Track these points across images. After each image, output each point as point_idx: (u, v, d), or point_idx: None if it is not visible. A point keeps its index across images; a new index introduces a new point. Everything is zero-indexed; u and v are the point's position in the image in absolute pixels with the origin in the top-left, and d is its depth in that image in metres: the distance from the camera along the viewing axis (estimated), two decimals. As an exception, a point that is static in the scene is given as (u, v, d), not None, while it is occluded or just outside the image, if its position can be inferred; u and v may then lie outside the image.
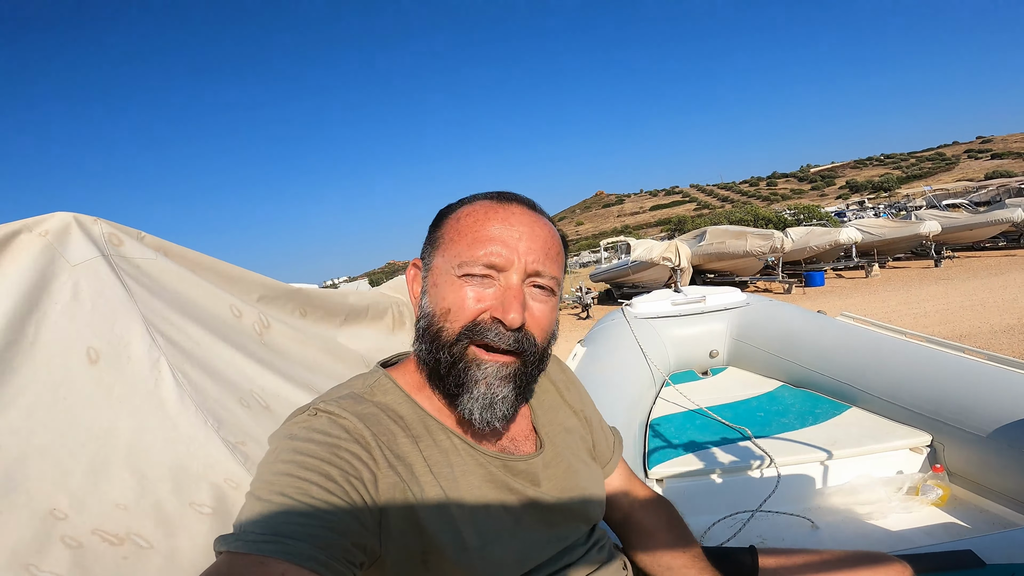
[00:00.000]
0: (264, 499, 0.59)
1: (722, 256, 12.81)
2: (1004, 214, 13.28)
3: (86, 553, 0.95)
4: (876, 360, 2.34)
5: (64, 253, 1.09)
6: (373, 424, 0.69)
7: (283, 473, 0.61)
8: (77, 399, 1.04)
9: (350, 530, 0.60)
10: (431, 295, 0.74)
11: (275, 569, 0.53)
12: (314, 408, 0.70)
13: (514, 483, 0.76)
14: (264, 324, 1.40)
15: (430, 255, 0.77)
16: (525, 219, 0.74)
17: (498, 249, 0.71)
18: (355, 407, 0.70)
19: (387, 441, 0.69)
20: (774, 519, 1.83)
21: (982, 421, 1.78)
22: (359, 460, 0.65)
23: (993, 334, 5.84)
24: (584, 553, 0.82)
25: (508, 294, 0.71)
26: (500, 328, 0.71)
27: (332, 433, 0.66)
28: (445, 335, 0.71)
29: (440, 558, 0.67)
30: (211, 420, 1.14)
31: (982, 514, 1.73)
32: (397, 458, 0.69)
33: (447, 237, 0.74)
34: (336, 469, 0.62)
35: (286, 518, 0.57)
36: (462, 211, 0.75)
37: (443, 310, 0.72)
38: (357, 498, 0.62)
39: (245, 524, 0.58)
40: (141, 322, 1.14)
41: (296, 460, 0.62)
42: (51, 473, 0.98)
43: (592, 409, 1.02)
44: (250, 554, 0.54)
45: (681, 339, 3.15)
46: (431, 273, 0.75)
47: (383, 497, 0.65)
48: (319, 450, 0.64)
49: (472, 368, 0.71)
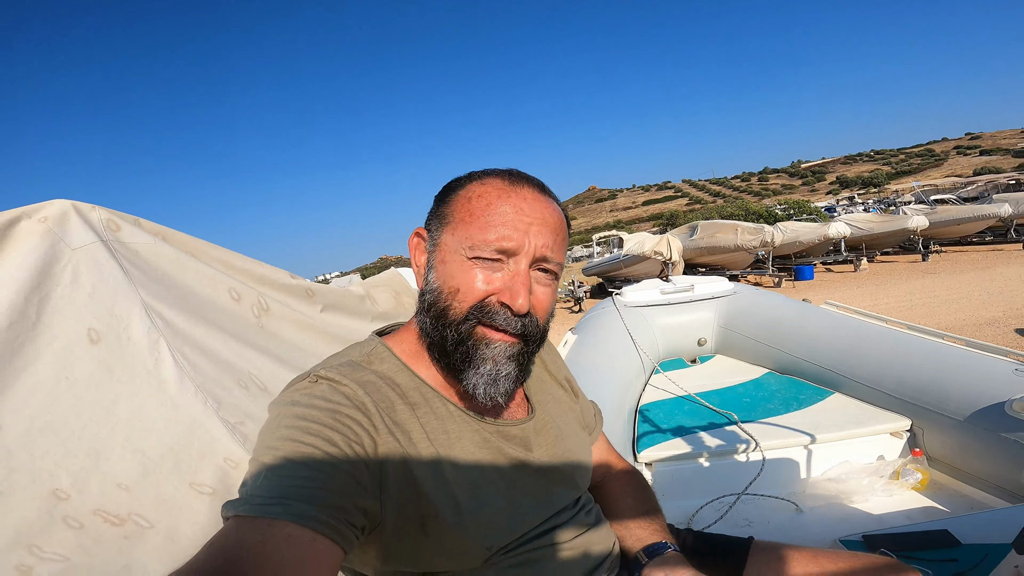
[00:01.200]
0: (268, 464, 0.61)
1: (713, 250, 12.88)
2: (991, 209, 13.40)
3: (87, 534, 0.97)
4: (858, 347, 2.39)
5: (64, 238, 1.11)
6: (373, 391, 0.71)
7: (286, 438, 0.62)
8: (79, 379, 1.05)
9: (352, 493, 0.62)
10: (439, 271, 0.75)
11: (281, 531, 0.55)
12: (315, 375, 0.71)
13: (507, 448, 0.78)
14: (263, 307, 1.42)
15: (438, 230, 0.77)
16: (537, 204, 0.74)
17: (509, 234, 0.72)
18: (354, 374, 0.72)
19: (386, 408, 0.70)
20: (760, 502, 1.87)
21: (960, 406, 1.83)
22: (360, 426, 0.66)
23: (978, 326, 5.93)
24: (572, 516, 0.84)
25: (516, 280, 0.72)
26: (507, 313, 0.73)
27: (333, 399, 0.67)
28: (452, 313, 0.73)
29: (437, 522, 0.69)
30: (211, 401, 1.16)
31: (960, 498, 1.78)
32: (396, 425, 0.70)
33: (457, 215, 0.74)
34: (338, 434, 0.64)
35: (292, 482, 0.59)
36: (473, 189, 0.75)
37: (451, 289, 0.73)
38: (359, 462, 0.64)
39: (251, 489, 0.59)
40: (140, 305, 1.16)
41: (299, 425, 0.64)
42: (54, 453, 0.99)
43: (574, 381, 1.04)
44: (257, 517, 0.56)
45: (670, 327, 3.19)
46: (439, 249, 0.76)
47: (383, 462, 0.67)
48: (321, 415, 0.65)
49: (480, 346, 0.73)
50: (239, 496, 0.60)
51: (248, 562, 0.52)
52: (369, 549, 0.69)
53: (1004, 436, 1.65)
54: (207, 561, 0.52)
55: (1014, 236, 13.87)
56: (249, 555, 0.53)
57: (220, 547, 0.54)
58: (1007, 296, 7.43)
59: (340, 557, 0.58)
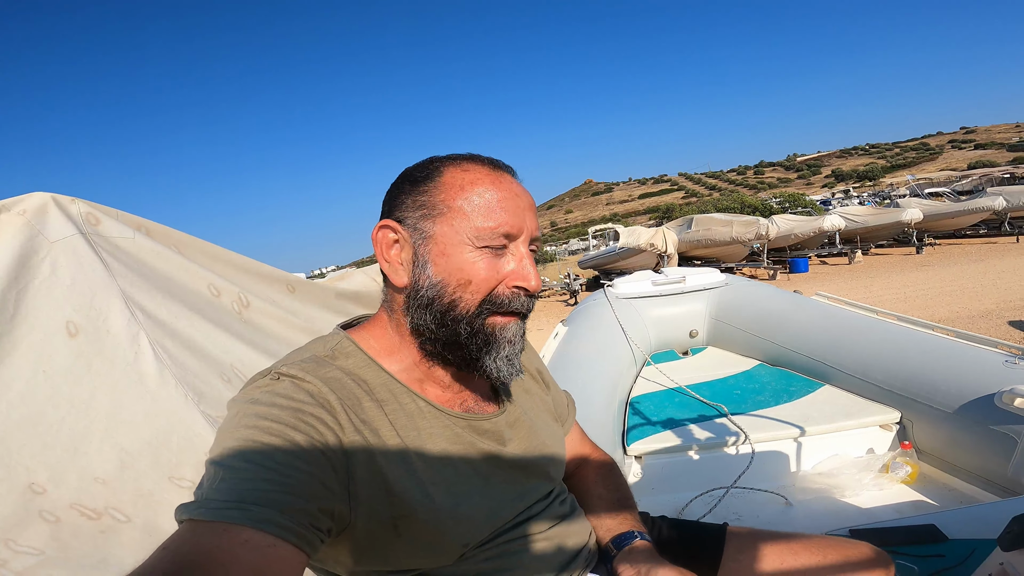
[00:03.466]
0: (227, 465, 0.58)
1: (708, 243, 12.89)
2: (985, 202, 13.44)
3: (63, 527, 0.96)
4: (848, 338, 2.39)
5: (42, 231, 1.09)
6: (338, 388, 0.68)
7: (245, 439, 0.60)
8: (57, 372, 1.04)
9: (316, 495, 0.59)
10: (439, 265, 0.72)
11: (239, 536, 0.53)
12: (276, 372, 0.68)
13: (480, 442, 0.77)
14: (243, 303, 1.40)
15: (426, 220, 0.73)
16: (520, 188, 0.76)
17: (511, 220, 0.72)
18: (318, 371, 0.69)
19: (352, 405, 0.68)
20: (749, 496, 1.87)
21: (949, 397, 1.83)
22: (324, 425, 0.64)
23: (971, 319, 5.95)
24: (546, 507, 0.83)
25: (524, 262, 0.73)
26: (522, 295, 0.74)
27: (296, 398, 0.65)
28: (463, 306, 0.72)
29: (410, 521, 0.67)
30: (191, 394, 1.14)
31: (948, 491, 1.78)
32: (363, 423, 0.68)
33: (454, 205, 0.71)
34: (301, 434, 0.61)
35: (250, 484, 0.56)
36: (460, 176, 0.73)
37: (461, 281, 0.71)
38: (324, 463, 0.61)
39: (207, 492, 0.57)
40: (120, 297, 1.14)
41: (259, 425, 0.61)
42: (30, 447, 0.98)
43: (547, 372, 1.03)
44: (214, 521, 0.53)
45: (662, 319, 3.19)
46: (433, 241, 0.72)
47: (350, 462, 0.64)
48: (283, 415, 0.62)
49: (496, 333, 0.74)
50: (194, 499, 0.57)
51: (203, 568, 0.50)
52: (340, 549, 0.67)
53: (993, 428, 1.65)
54: (159, 566, 0.50)
55: (1008, 229, 13.91)
56: (205, 561, 0.50)
57: (174, 552, 0.52)
58: (1001, 288, 7.45)
59: (303, 562, 0.56)
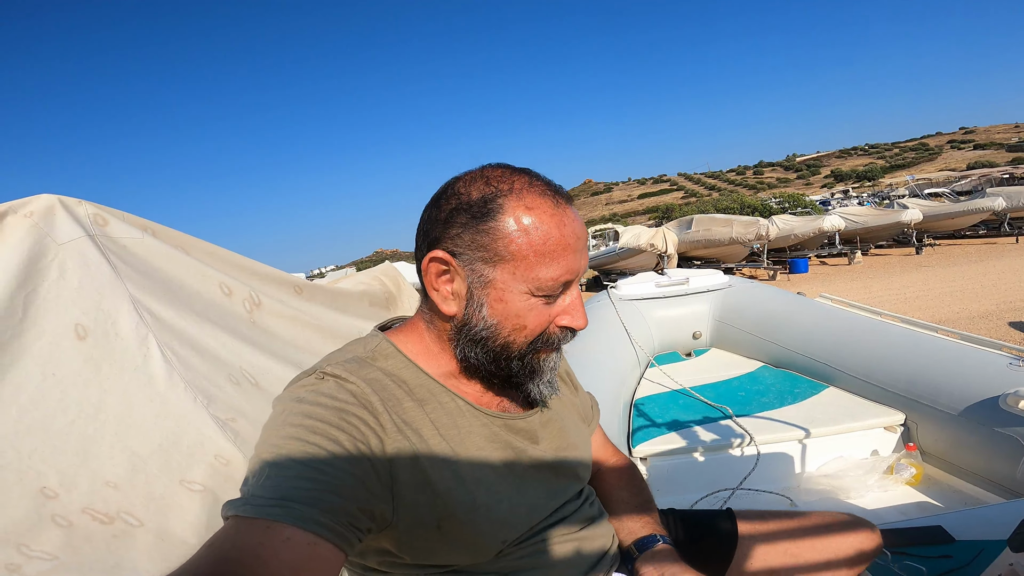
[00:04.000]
0: (271, 463, 0.59)
1: (708, 243, 12.89)
2: (985, 203, 13.43)
3: (76, 532, 0.95)
4: (852, 340, 2.39)
5: (50, 233, 1.09)
6: (380, 389, 0.69)
7: (291, 437, 0.61)
8: (66, 375, 1.04)
9: (357, 496, 0.61)
10: (496, 309, 0.71)
11: (281, 533, 0.54)
12: (321, 372, 0.70)
13: (515, 441, 0.78)
14: (255, 302, 1.40)
15: (488, 266, 0.70)
16: (580, 227, 0.74)
17: (572, 267, 0.72)
18: (361, 371, 0.70)
19: (394, 406, 0.69)
20: (754, 497, 1.87)
21: (953, 399, 1.83)
22: (367, 426, 0.65)
23: (971, 319, 5.95)
24: (577, 508, 0.85)
25: (577, 304, 0.74)
26: (568, 334, 0.76)
27: (340, 398, 0.66)
28: (515, 347, 0.73)
29: (453, 521, 0.68)
30: (201, 397, 1.14)
31: (954, 493, 1.79)
32: (405, 423, 0.69)
33: (517, 252, 0.69)
34: (344, 434, 0.63)
35: (294, 483, 0.58)
36: (524, 217, 0.70)
37: (516, 327, 0.72)
38: (366, 464, 0.63)
39: (252, 488, 0.58)
40: (128, 300, 1.14)
41: (305, 424, 0.62)
42: (41, 450, 0.98)
43: (574, 374, 1.04)
44: (257, 518, 0.55)
45: (665, 320, 3.20)
46: (492, 287, 0.71)
47: (392, 463, 0.65)
48: (328, 414, 0.64)
49: (542, 364, 0.76)
50: (240, 495, 0.59)
51: (245, 564, 0.51)
52: (379, 544, 0.69)
53: (998, 431, 1.65)
54: (203, 562, 0.52)
55: (1007, 229, 13.91)
56: (246, 557, 0.52)
57: (218, 548, 0.53)
58: (1001, 289, 7.45)
59: (341, 560, 0.58)
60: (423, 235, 0.74)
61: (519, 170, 0.75)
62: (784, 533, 0.97)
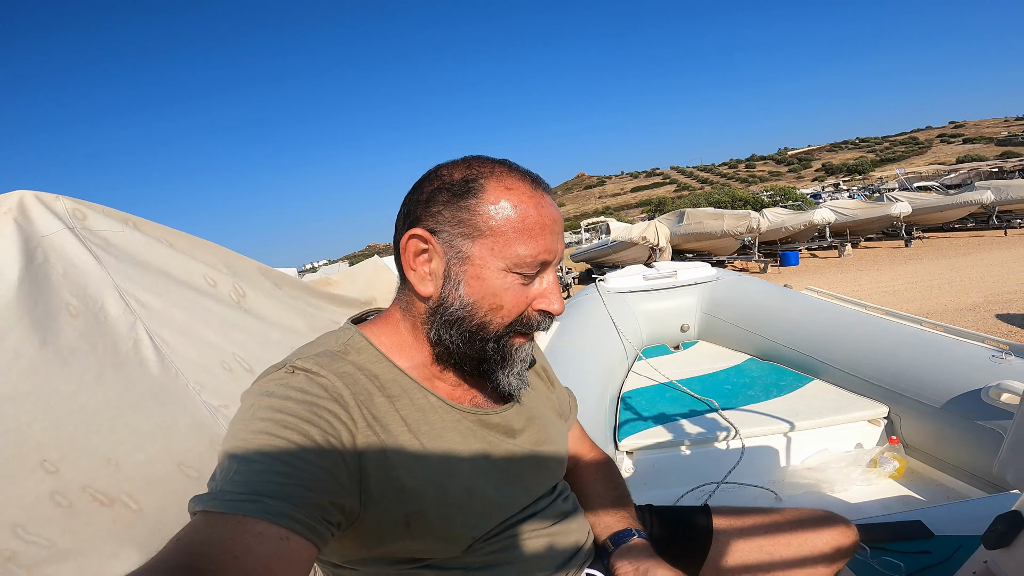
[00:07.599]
0: (241, 458, 0.58)
1: (700, 236, 12.91)
2: (973, 196, 13.51)
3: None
4: (838, 333, 2.40)
5: (29, 226, 1.08)
6: (351, 383, 0.69)
7: (261, 431, 0.61)
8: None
9: (328, 489, 0.60)
10: (473, 287, 0.72)
11: (253, 528, 0.53)
12: (291, 365, 0.69)
13: (489, 436, 0.78)
14: (240, 293, 1.39)
15: (466, 241, 0.71)
16: (557, 212, 0.76)
17: (549, 247, 0.73)
18: (332, 365, 0.70)
19: (364, 401, 0.69)
20: (739, 490, 1.87)
21: (936, 392, 1.84)
22: (338, 419, 0.65)
23: (959, 312, 5.99)
24: (550, 503, 0.84)
25: (553, 288, 0.75)
26: (546, 319, 0.76)
27: (310, 391, 0.65)
28: (492, 328, 0.73)
29: (422, 516, 0.68)
30: (192, 383, 1.14)
31: (935, 486, 1.79)
32: (375, 419, 0.69)
33: (496, 228, 0.71)
34: (315, 428, 0.62)
35: (264, 477, 0.57)
36: (504, 196, 0.71)
37: (493, 306, 0.72)
38: (336, 458, 0.62)
39: (221, 483, 0.57)
40: (113, 288, 1.13)
41: (274, 418, 0.62)
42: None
43: (551, 369, 1.04)
44: (227, 513, 0.54)
45: (653, 313, 3.19)
46: (469, 263, 0.71)
47: (362, 457, 0.65)
48: (298, 408, 0.63)
49: (513, 352, 0.76)
50: (208, 490, 0.58)
51: (216, 560, 0.50)
52: (346, 541, 0.68)
53: (980, 424, 1.66)
54: (172, 557, 0.51)
55: (995, 223, 14.01)
56: (218, 553, 0.51)
57: (188, 542, 0.52)
58: (988, 282, 7.51)
59: (314, 555, 0.57)
60: (403, 217, 0.76)
61: (499, 159, 0.77)
62: (760, 529, 0.97)
